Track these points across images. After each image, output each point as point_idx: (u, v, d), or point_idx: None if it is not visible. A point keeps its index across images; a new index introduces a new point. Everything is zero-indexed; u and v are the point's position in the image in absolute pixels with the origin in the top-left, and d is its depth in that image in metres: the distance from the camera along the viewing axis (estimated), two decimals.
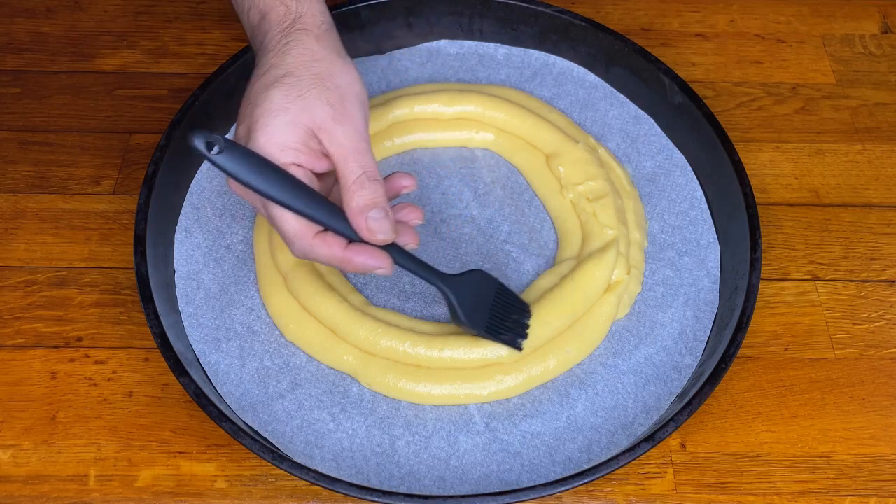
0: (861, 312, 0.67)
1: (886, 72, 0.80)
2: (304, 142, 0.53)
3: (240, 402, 0.61)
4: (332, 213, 0.54)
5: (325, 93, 0.54)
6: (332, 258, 0.54)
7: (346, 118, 0.54)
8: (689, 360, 0.64)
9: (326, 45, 0.56)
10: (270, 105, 0.53)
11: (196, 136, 0.50)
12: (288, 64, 0.55)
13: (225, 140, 0.51)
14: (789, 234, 0.71)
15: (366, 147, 0.54)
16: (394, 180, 0.58)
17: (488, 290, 0.62)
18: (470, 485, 0.59)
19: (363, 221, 0.53)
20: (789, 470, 0.60)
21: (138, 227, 0.63)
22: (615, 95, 0.76)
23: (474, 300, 0.61)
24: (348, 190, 0.53)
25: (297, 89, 0.53)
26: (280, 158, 0.53)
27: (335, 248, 0.54)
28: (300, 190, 0.53)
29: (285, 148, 0.53)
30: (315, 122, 0.53)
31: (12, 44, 0.79)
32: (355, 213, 0.53)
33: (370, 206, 0.53)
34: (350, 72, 0.56)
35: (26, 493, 0.58)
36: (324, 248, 0.54)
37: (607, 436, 0.61)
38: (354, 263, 0.54)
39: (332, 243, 0.54)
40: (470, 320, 0.60)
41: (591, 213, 0.68)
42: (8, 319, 0.65)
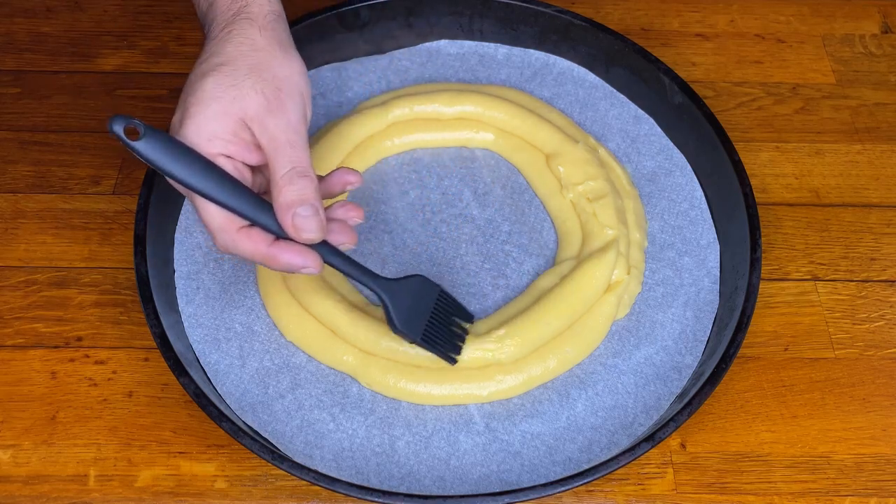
0: (861, 312, 0.67)
1: (886, 72, 0.80)
2: (234, 132, 0.52)
3: (240, 402, 0.61)
4: (258, 206, 0.52)
5: (259, 83, 0.52)
6: (255, 254, 0.52)
7: (280, 110, 0.52)
8: (689, 360, 0.64)
9: (269, 36, 0.55)
10: (202, 94, 0.52)
11: (116, 122, 0.48)
12: (227, 53, 0.53)
13: (146, 127, 0.49)
14: (789, 234, 0.71)
15: (298, 141, 0.52)
16: (338, 176, 0.57)
17: (428, 296, 0.60)
18: (470, 485, 0.59)
19: (289, 218, 0.52)
20: (789, 470, 0.60)
21: (138, 227, 0.63)
22: (615, 95, 0.76)
23: (412, 307, 0.59)
24: (276, 185, 0.52)
25: (231, 78, 0.52)
26: (207, 149, 0.51)
27: (260, 244, 0.52)
28: (225, 182, 0.51)
29: (213, 138, 0.51)
30: (247, 113, 0.52)
31: (12, 44, 0.79)
32: (282, 210, 0.52)
33: (297, 202, 0.51)
34: (291, 64, 0.55)
35: (26, 493, 0.58)
36: (248, 244, 0.52)
37: (607, 436, 0.61)
38: (279, 261, 0.52)
39: (256, 239, 0.52)
40: (405, 327, 0.59)
41: (591, 213, 0.68)
42: (8, 319, 0.65)
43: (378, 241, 0.68)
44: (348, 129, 0.70)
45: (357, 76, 0.76)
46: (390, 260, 0.67)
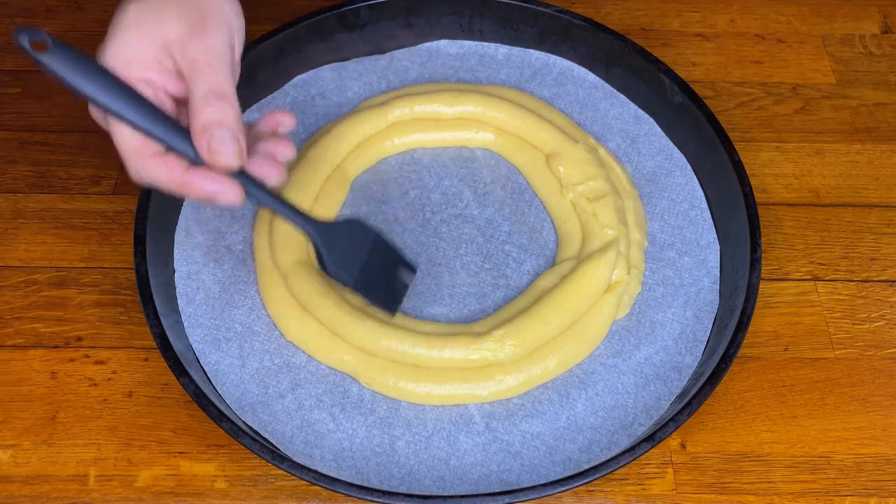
0: (861, 312, 0.67)
1: (886, 72, 0.80)
2: (154, 58, 0.51)
3: (240, 402, 0.61)
4: (174, 130, 0.50)
5: (183, 10, 0.51)
6: (170, 181, 0.50)
7: (202, 34, 0.51)
8: (689, 360, 0.64)
9: None
10: (124, 18, 0.51)
11: (22, 32, 0.46)
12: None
13: (55, 41, 0.48)
14: (789, 234, 0.71)
15: (219, 64, 0.50)
16: (269, 117, 0.55)
17: (365, 242, 0.57)
18: (470, 485, 0.59)
19: (204, 141, 0.49)
20: (789, 470, 0.60)
21: (138, 227, 0.63)
22: (615, 95, 0.76)
23: (346, 251, 0.56)
24: (193, 108, 0.50)
25: (155, 3, 0.51)
26: (125, 73, 0.50)
27: (175, 170, 0.50)
28: (139, 103, 0.49)
29: (132, 61, 0.50)
30: (167, 38, 0.51)
31: (12, 44, 0.79)
32: (197, 132, 0.49)
33: (214, 124, 0.49)
34: None
35: (26, 493, 0.58)
36: (162, 169, 0.50)
37: (607, 436, 0.61)
38: (195, 188, 0.50)
39: (172, 164, 0.50)
40: (338, 270, 0.56)
41: (591, 213, 0.68)
42: (8, 319, 0.65)
43: None
44: (348, 129, 0.70)
45: (357, 76, 0.76)
46: None
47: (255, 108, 0.74)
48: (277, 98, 0.74)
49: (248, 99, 0.73)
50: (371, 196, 0.71)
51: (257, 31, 0.77)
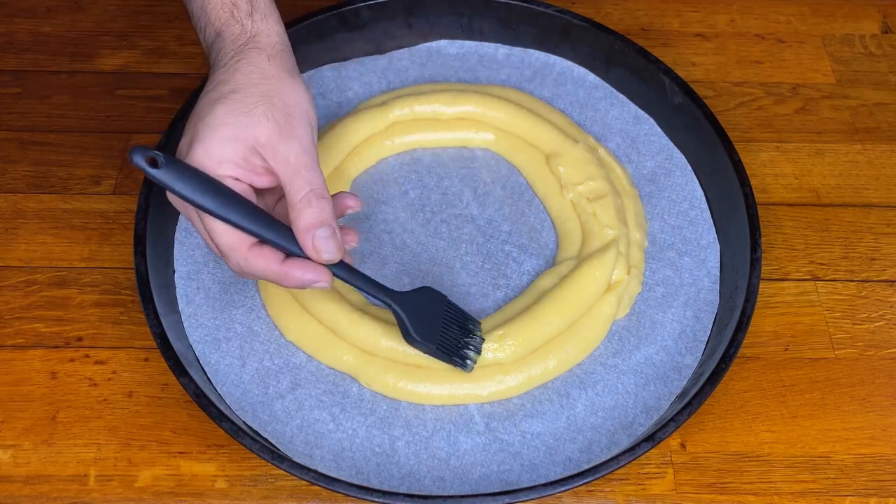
0: (861, 312, 0.67)
1: (886, 72, 0.80)
2: (243, 157, 0.53)
3: (240, 402, 0.61)
4: (269, 225, 0.54)
5: (271, 110, 0.53)
6: (268, 271, 0.54)
7: (292, 135, 0.54)
8: (689, 360, 0.64)
9: (278, 65, 0.56)
10: (213, 119, 0.53)
11: (137, 153, 0.51)
12: (237, 80, 0.54)
13: (165, 156, 0.51)
14: (789, 234, 0.71)
15: (313, 164, 0.54)
16: (339, 200, 0.58)
17: (438, 306, 0.61)
18: (470, 485, 0.59)
19: (309, 240, 0.53)
20: (789, 470, 0.60)
21: (138, 227, 0.63)
22: (615, 95, 0.76)
23: (426, 317, 0.60)
24: (295, 207, 0.53)
25: (242, 105, 0.53)
26: (216, 171, 0.52)
27: (272, 262, 0.54)
28: (236, 202, 0.53)
29: (223, 161, 0.52)
30: (258, 140, 0.53)
31: (12, 44, 0.80)
32: (302, 232, 0.53)
33: (317, 224, 0.53)
34: (299, 90, 0.56)
35: (26, 493, 0.58)
36: (260, 262, 0.54)
37: (607, 436, 0.61)
38: (292, 277, 0.54)
39: (269, 257, 0.54)
40: (424, 338, 0.59)
41: (591, 213, 0.68)
42: (8, 319, 0.65)
43: (378, 241, 0.68)
44: (348, 129, 0.70)
45: (357, 76, 0.76)
46: (390, 260, 0.67)
47: None
48: None
49: None
50: (371, 196, 0.71)
51: None
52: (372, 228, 0.69)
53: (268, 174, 0.54)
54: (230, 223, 0.53)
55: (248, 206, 0.53)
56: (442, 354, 0.59)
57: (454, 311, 0.61)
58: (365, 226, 0.69)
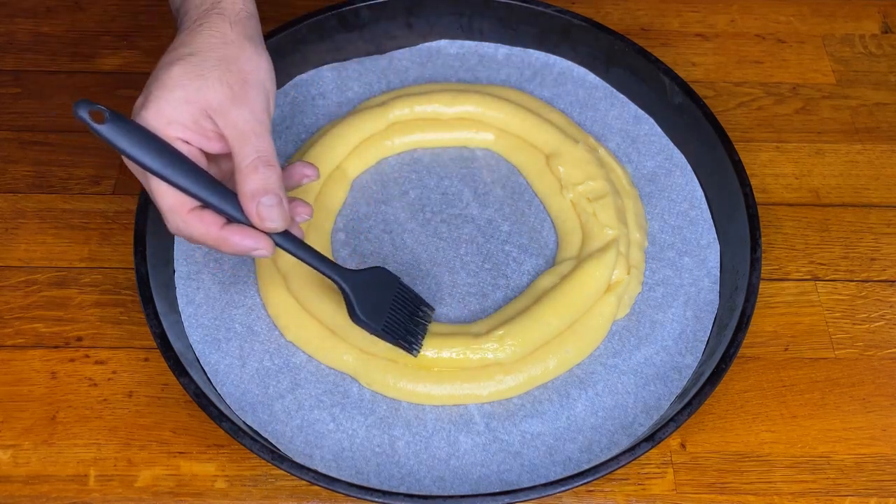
0: (861, 312, 0.67)
1: (886, 72, 0.80)
2: (194, 120, 0.53)
3: (240, 402, 0.61)
4: (214, 189, 0.53)
5: (225, 75, 0.53)
6: (206, 236, 0.53)
7: (244, 101, 0.53)
8: (689, 360, 0.64)
9: (240, 31, 0.56)
10: (167, 80, 0.53)
11: (82, 107, 0.50)
12: (196, 44, 0.54)
13: (110, 112, 0.51)
14: (789, 234, 0.71)
15: (263, 131, 0.53)
16: (295, 168, 0.58)
17: (389, 287, 0.60)
18: (470, 485, 0.59)
19: (254, 207, 0.52)
20: (789, 470, 0.60)
21: (138, 226, 0.63)
22: (615, 95, 0.76)
23: (373, 297, 0.59)
24: (241, 173, 0.52)
25: (197, 69, 0.53)
26: (165, 132, 0.52)
27: (212, 227, 0.53)
28: (181, 164, 0.52)
29: (173, 122, 0.52)
30: (210, 104, 0.53)
31: (12, 44, 0.79)
32: (247, 198, 0.52)
33: (262, 191, 0.52)
34: (258, 59, 0.56)
35: (26, 493, 0.58)
36: (199, 225, 0.53)
37: (607, 436, 0.61)
38: (231, 243, 0.53)
39: (208, 221, 0.53)
40: (368, 318, 0.58)
41: (591, 213, 0.68)
42: (8, 319, 0.65)
43: (378, 241, 0.68)
44: (348, 129, 0.70)
45: (357, 76, 0.76)
46: (390, 260, 0.67)
47: None
48: (277, 98, 0.74)
49: None
50: (371, 196, 0.71)
51: None
52: (372, 228, 0.69)
53: (219, 139, 0.54)
54: (172, 184, 0.52)
55: (193, 168, 0.53)
56: (387, 336, 0.59)
57: (406, 294, 0.61)
58: (365, 226, 0.69)
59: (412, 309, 0.61)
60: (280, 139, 0.72)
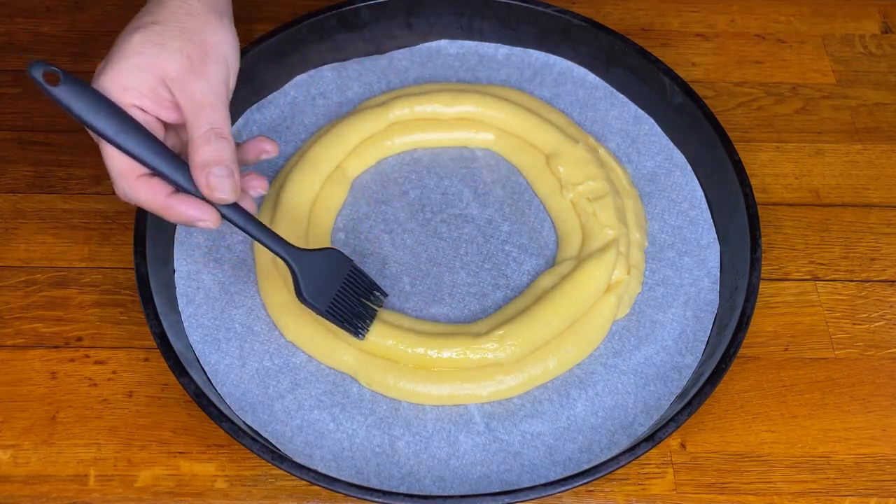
0: (861, 312, 0.67)
1: (886, 72, 0.80)
2: (151, 88, 0.53)
3: (240, 402, 0.61)
4: (164, 157, 0.53)
5: (186, 46, 0.53)
6: (152, 202, 0.53)
7: (202, 73, 0.53)
8: (689, 360, 0.64)
9: (208, 5, 0.56)
10: (127, 47, 0.53)
11: (35, 67, 0.50)
12: (160, 13, 0.54)
13: (65, 74, 0.51)
14: (789, 234, 0.71)
15: (219, 104, 0.53)
16: (255, 143, 0.58)
17: (340, 270, 0.60)
18: (470, 485, 0.59)
19: (203, 177, 0.53)
20: (789, 470, 0.60)
21: (138, 226, 0.63)
22: (615, 95, 0.76)
23: (322, 279, 0.59)
24: (193, 143, 0.53)
25: (159, 37, 0.53)
26: (121, 98, 0.52)
27: (158, 194, 0.53)
28: (133, 131, 0.52)
29: (129, 89, 0.52)
30: (167, 73, 0.53)
31: (12, 44, 0.79)
32: (197, 168, 0.53)
33: (214, 162, 0.52)
34: (223, 33, 0.56)
35: (26, 493, 0.58)
36: (146, 191, 0.53)
37: (607, 436, 0.61)
38: (176, 211, 0.53)
39: (155, 188, 0.53)
40: (314, 298, 0.59)
41: (591, 213, 0.68)
42: (8, 319, 0.65)
43: (378, 241, 0.68)
44: (348, 129, 0.70)
45: (357, 76, 0.76)
46: (390, 260, 0.67)
47: (255, 107, 0.74)
48: (277, 98, 0.74)
49: (248, 99, 0.73)
50: (371, 196, 0.71)
51: (257, 31, 0.77)
52: (372, 228, 0.69)
53: (175, 109, 0.54)
54: (123, 150, 0.52)
55: (145, 136, 0.53)
56: (332, 318, 0.59)
57: (358, 278, 0.61)
58: (365, 226, 0.69)
59: (363, 293, 0.61)
60: (280, 139, 0.72)
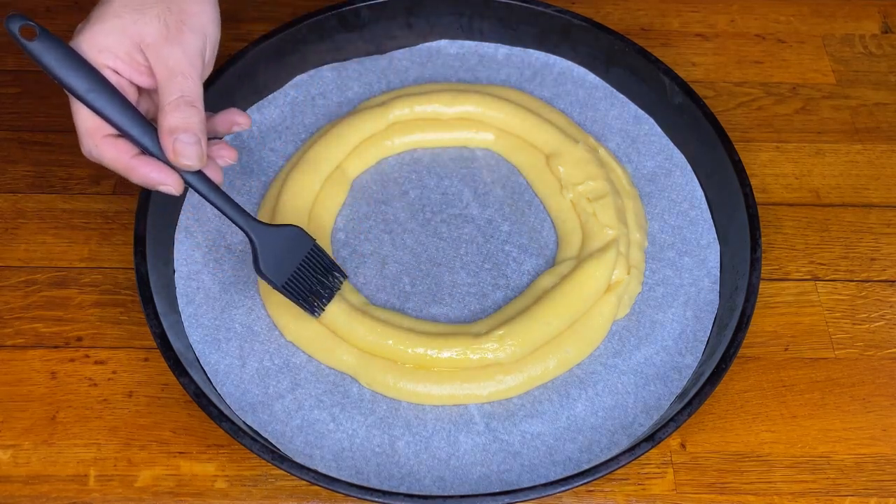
0: (861, 312, 0.67)
1: (886, 72, 0.80)
2: (127, 52, 0.53)
3: (240, 402, 0.61)
4: (133, 120, 0.54)
5: (165, 13, 0.54)
6: (116, 162, 0.54)
7: (178, 41, 0.54)
8: (689, 360, 0.64)
9: None
10: (107, 10, 0.53)
11: (12, 20, 0.51)
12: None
13: (41, 29, 0.51)
14: (789, 234, 0.71)
15: (191, 72, 0.54)
16: (227, 115, 0.59)
17: (300, 248, 0.61)
18: (470, 485, 0.59)
19: (170, 142, 0.53)
20: (789, 470, 0.60)
21: (138, 226, 0.63)
22: (615, 95, 0.76)
23: (281, 253, 0.59)
24: (163, 110, 0.53)
25: (139, 3, 0.54)
26: (96, 59, 0.53)
27: (123, 154, 0.54)
28: (105, 91, 0.53)
29: (104, 51, 0.53)
30: (144, 38, 0.53)
31: (12, 44, 0.79)
32: (165, 133, 0.53)
33: (182, 128, 0.53)
34: (202, 4, 0.56)
35: (26, 493, 0.58)
36: (111, 151, 0.54)
37: (607, 436, 0.61)
38: (139, 173, 0.54)
39: (121, 149, 0.54)
40: (270, 273, 0.59)
41: (591, 213, 0.68)
42: (8, 319, 0.65)
43: (378, 241, 0.68)
44: (348, 129, 0.70)
45: (357, 76, 0.76)
46: (390, 260, 0.67)
47: (255, 107, 0.74)
48: (277, 98, 0.74)
49: (248, 99, 0.73)
50: (371, 196, 0.71)
51: (257, 31, 0.77)
52: (372, 228, 0.69)
53: (149, 74, 0.54)
54: (92, 109, 0.53)
55: (116, 97, 0.53)
56: (288, 293, 0.60)
57: (319, 257, 0.61)
58: (365, 226, 0.69)
59: (322, 273, 0.61)
60: (280, 139, 0.72)
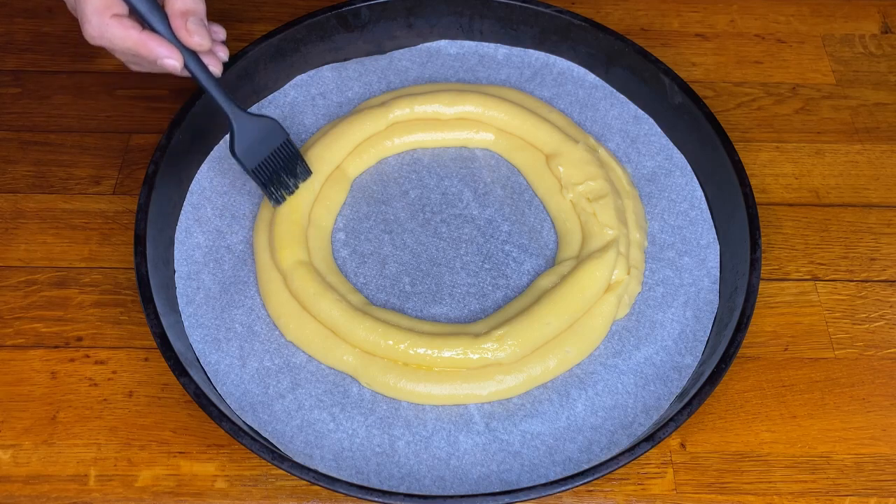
0: (861, 312, 0.67)
1: (886, 72, 0.80)
2: None
3: (240, 402, 0.61)
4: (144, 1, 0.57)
5: None
6: (125, 40, 0.57)
7: None
8: (689, 360, 0.64)
9: None
10: None
11: None
12: None
13: None
14: (789, 234, 0.71)
15: None
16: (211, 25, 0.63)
17: (274, 139, 0.65)
18: (470, 485, 0.59)
19: (183, 22, 0.58)
20: (789, 470, 0.61)
21: (138, 227, 0.63)
22: (615, 95, 0.76)
23: (255, 141, 0.64)
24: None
25: None
26: None
27: (131, 30, 0.57)
28: None
29: None
30: None
31: (12, 44, 0.79)
32: (177, 15, 0.58)
33: (192, 11, 0.58)
34: None
35: (26, 493, 0.58)
36: (119, 29, 0.57)
37: (607, 436, 0.61)
38: (148, 46, 0.57)
39: (127, 26, 0.57)
40: (242, 156, 0.63)
41: (591, 213, 0.68)
42: (8, 319, 0.65)
43: (378, 241, 0.68)
44: (348, 129, 0.70)
45: (357, 76, 0.76)
46: (390, 260, 0.67)
47: (255, 107, 0.74)
48: (277, 98, 0.75)
49: (248, 99, 0.73)
50: (371, 196, 0.71)
51: (257, 31, 0.77)
52: (372, 228, 0.69)
53: None
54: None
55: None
56: (256, 178, 0.64)
57: (289, 151, 0.65)
58: (365, 226, 0.69)
59: (290, 165, 0.65)
60: None
